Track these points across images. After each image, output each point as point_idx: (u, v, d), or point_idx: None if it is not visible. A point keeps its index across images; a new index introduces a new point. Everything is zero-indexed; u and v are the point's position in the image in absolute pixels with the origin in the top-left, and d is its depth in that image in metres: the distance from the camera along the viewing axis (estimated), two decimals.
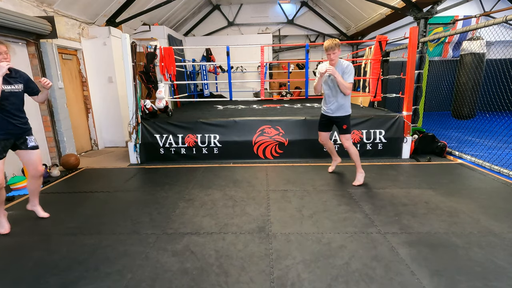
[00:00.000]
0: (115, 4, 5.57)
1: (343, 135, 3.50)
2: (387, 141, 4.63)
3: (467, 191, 3.29)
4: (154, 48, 5.34)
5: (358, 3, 7.86)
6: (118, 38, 5.68)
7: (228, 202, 3.14)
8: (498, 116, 6.12)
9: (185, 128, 4.71)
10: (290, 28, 10.42)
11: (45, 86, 2.64)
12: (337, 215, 2.78)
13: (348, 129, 3.47)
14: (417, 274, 1.94)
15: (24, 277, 2.01)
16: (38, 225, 2.74)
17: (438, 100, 7.81)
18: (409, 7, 5.39)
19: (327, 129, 3.70)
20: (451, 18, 8.70)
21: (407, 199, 3.11)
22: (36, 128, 4.47)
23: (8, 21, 3.60)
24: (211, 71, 9.62)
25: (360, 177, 3.54)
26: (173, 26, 9.37)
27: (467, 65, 5.11)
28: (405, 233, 2.44)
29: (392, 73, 6.19)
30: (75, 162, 4.45)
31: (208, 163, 4.60)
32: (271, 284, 1.87)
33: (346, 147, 3.48)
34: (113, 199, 3.30)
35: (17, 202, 3.29)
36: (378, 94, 5.65)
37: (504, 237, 2.33)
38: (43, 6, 4.48)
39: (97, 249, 2.31)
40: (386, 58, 5.92)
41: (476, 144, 5.40)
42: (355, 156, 3.49)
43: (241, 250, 2.25)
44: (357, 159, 3.50)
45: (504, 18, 3.33)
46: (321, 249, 2.24)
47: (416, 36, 4.61)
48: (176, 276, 1.97)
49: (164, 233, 2.53)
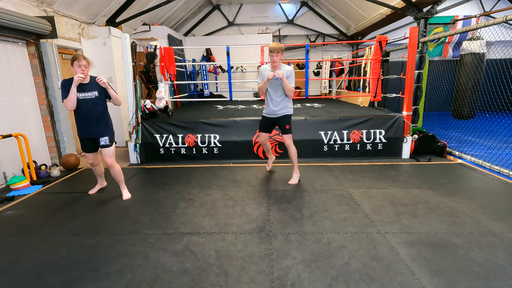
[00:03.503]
0: (115, 4, 5.57)
1: (286, 134, 3.53)
2: (387, 141, 4.63)
3: (467, 191, 3.29)
4: (154, 48, 5.34)
5: (358, 3, 7.86)
6: (118, 38, 5.68)
7: (228, 202, 3.14)
8: (498, 116, 6.12)
9: (185, 128, 4.71)
10: (290, 28, 10.42)
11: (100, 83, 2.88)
12: (337, 215, 2.78)
13: (290, 129, 3.52)
14: (417, 274, 1.94)
15: (24, 277, 2.01)
16: (38, 225, 2.74)
17: (438, 100, 7.82)
18: (409, 7, 5.39)
19: (267, 130, 3.75)
20: (451, 18, 8.70)
21: (407, 199, 3.11)
22: (36, 128, 4.49)
23: (8, 21, 3.61)
24: (211, 71, 9.62)
25: (296, 177, 3.63)
26: (173, 26, 9.37)
27: (467, 65, 5.11)
28: (405, 233, 2.44)
29: (392, 73, 6.19)
30: (75, 162, 4.45)
31: (208, 163, 4.60)
32: (271, 284, 1.87)
33: (287, 145, 3.53)
34: (113, 199, 3.30)
35: (17, 202, 3.29)
36: (378, 94, 5.65)
37: (504, 237, 2.33)
38: (43, 6, 4.48)
39: (97, 249, 2.31)
40: (386, 58, 5.93)
41: (476, 144, 5.40)
42: (294, 155, 3.56)
43: (241, 250, 2.25)
44: (295, 159, 3.58)
45: (504, 18, 3.33)
46: (321, 249, 2.24)
47: (416, 36, 4.61)
48: (176, 276, 1.97)
49: (164, 233, 2.53)
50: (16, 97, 4.14)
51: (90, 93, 2.86)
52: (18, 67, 4.20)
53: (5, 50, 3.99)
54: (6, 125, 3.91)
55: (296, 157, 3.59)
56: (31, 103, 4.43)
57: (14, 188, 3.64)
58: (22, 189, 3.64)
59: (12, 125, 4.00)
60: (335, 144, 4.62)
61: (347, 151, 4.65)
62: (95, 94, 2.89)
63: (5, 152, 3.92)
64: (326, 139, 4.61)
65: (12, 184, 3.65)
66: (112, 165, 3.17)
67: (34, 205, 3.23)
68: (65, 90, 2.80)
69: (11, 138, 3.80)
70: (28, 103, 4.37)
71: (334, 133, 4.60)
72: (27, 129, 4.23)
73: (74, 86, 2.73)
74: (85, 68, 2.79)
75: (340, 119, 4.70)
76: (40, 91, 4.50)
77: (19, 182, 3.66)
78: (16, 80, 4.15)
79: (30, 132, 4.27)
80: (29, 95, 4.39)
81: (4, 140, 3.80)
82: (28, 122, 4.33)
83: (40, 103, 4.55)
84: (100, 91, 2.92)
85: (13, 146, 3.94)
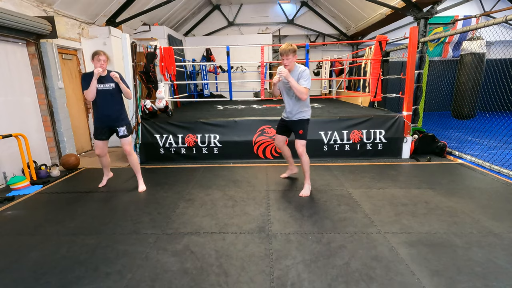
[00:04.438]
0: (115, 4, 5.57)
1: (297, 140, 3.25)
2: (387, 141, 4.63)
3: (467, 191, 3.29)
4: (154, 48, 5.34)
5: (358, 3, 7.86)
6: (118, 38, 5.67)
7: (228, 202, 3.14)
8: (498, 116, 6.11)
9: (185, 128, 4.71)
10: (290, 28, 10.42)
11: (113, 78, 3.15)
12: (337, 215, 2.78)
13: (304, 135, 3.24)
14: (417, 274, 1.94)
15: (24, 277, 2.01)
16: (38, 225, 2.74)
17: (438, 100, 7.81)
18: (409, 7, 5.39)
19: (283, 133, 3.51)
20: (451, 18, 8.70)
21: (407, 199, 3.11)
22: (36, 128, 4.49)
23: (8, 21, 3.61)
24: (211, 71, 9.62)
25: (307, 188, 3.32)
26: (173, 26, 9.37)
27: (467, 65, 5.10)
28: (405, 233, 2.44)
29: (392, 73, 6.19)
30: (75, 162, 4.45)
31: (208, 163, 4.59)
32: (271, 284, 1.87)
33: (299, 153, 3.23)
34: (113, 199, 3.30)
35: (17, 202, 3.29)
36: (378, 94, 5.65)
37: (504, 237, 2.33)
38: (43, 6, 4.48)
39: (97, 249, 2.31)
40: (386, 58, 5.92)
41: (476, 144, 5.40)
42: (305, 165, 3.26)
43: (241, 250, 2.25)
44: (307, 168, 3.29)
45: (504, 18, 3.33)
46: (321, 249, 2.24)
47: (416, 36, 4.61)
48: (176, 276, 1.97)
49: (164, 233, 2.53)
50: (16, 97, 4.14)
51: (108, 85, 3.17)
52: (18, 67, 4.20)
53: (5, 50, 3.99)
54: (6, 125, 3.91)
55: (308, 167, 3.29)
56: (31, 103, 4.43)
57: (14, 188, 3.64)
58: (22, 189, 3.64)
59: (12, 125, 4.00)
60: (335, 144, 4.62)
61: (347, 151, 4.65)
62: (112, 85, 3.20)
63: (5, 152, 3.93)
64: (326, 139, 4.61)
65: (12, 184, 3.65)
66: (131, 153, 3.45)
67: (34, 205, 3.24)
68: (85, 82, 3.12)
69: (11, 138, 3.80)
70: (28, 103, 4.37)
71: (334, 133, 4.60)
72: (27, 129, 4.23)
73: (95, 78, 3.04)
74: (104, 62, 3.08)
75: (340, 119, 4.70)
76: (40, 91, 4.50)
77: (19, 182, 3.66)
78: (16, 80, 4.15)
79: (30, 132, 4.26)
80: (29, 95, 4.39)
81: (4, 140, 3.80)
82: (28, 122, 4.33)
83: (40, 103, 4.55)
84: (116, 83, 3.22)
85: (13, 146, 3.94)
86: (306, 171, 3.31)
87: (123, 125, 3.36)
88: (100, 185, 3.63)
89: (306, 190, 3.31)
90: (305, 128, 3.26)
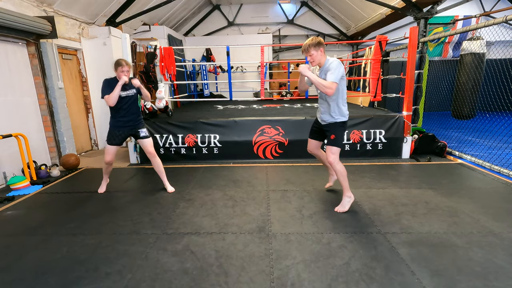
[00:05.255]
0: (115, 4, 5.57)
1: (329, 146, 2.80)
2: (387, 141, 4.63)
3: (467, 191, 3.28)
4: (154, 48, 5.34)
5: (358, 3, 7.86)
6: (118, 38, 5.67)
7: (228, 202, 3.14)
8: (498, 116, 6.11)
9: (185, 128, 4.71)
10: (290, 28, 10.42)
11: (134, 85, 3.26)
12: (337, 215, 2.77)
13: (336, 141, 2.77)
14: (417, 274, 1.94)
15: (24, 277, 2.01)
16: (38, 225, 2.74)
17: (438, 100, 7.81)
18: (409, 7, 5.39)
19: (315, 138, 3.10)
20: (451, 18, 8.71)
21: (407, 199, 3.11)
22: (36, 128, 4.49)
23: (8, 21, 3.61)
24: (211, 71, 9.63)
25: (347, 202, 2.86)
26: (173, 26, 9.37)
27: (467, 65, 5.11)
28: (405, 233, 2.44)
29: (392, 73, 6.19)
30: (75, 162, 4.45)
31: (208, 163, 4.59)
32: (271, 284, 1.87)
33: (330, 162, 2.80)
34: (113, 199, 3.30)
35: (17, 202, 3.29)
36: (378, 94, 5.65)
37: (504, 237, 2.33)
38: (43, 6, 4.48)
39: (97, 249, 2.31)
40: (386, 58, 5.92)
41: (476, 144, 5.40)
42: (340, 175, 2.81)
43: (241, 250, 2.25)
44: (344, 179, 2.82)
45: (504, 18, 3.33)
46: (321, 249, 2.24)
47: (416, 36, 4.61)
48: (176, 276, 1.97)
49: (164, 233, 2.53)
50: (16, 97, 4.14)
51: (130, 91, 3.27)
52: (18, 67, 4.20)
53: (5, 50, 3.99)
54: (6, 125, 3.91)
55: (343, 178, 2.81)
56: (31, 103, 4.43)
57: (14, 188, 3.64)
58: (22, 189, 3.64)
59: (12, 125, 4.00)
60: None
61: (347, 151, 4.64)
62: (134, 91, 3.31)
63: (5, 152, 3.93)
64: None
65: (12, 184, 3.65)
66: (155, 155, 3.47)
67: (34, 205, 3.23)
68: (108, 88, 3.15)
69: (11, 138, 3.80)
70: (28, 103, 4.37)
71: None
72: (27, 129, 4.23)
73: (119, 86, 3.11)
74: (127, 72, 3.18)
75: None
76: (40, 91, 4.50)
77: (19, 182, 3.66)
78: (16, 80, 4.15)
79: (30, 132, 4.27)
80: (29, 95, 4.39)
81: (4, 140, 3.80)
82: (28, 122, 4.33)
83: (40, 103, 4.55)
84: (137, 89, 3.35)
85: (13, 146, 3.94)
86: (341, 182, 2.85)
87: (143, 127, 3.44)
88: (100, 191, 3.55)
89: (344, 205, 2.86)
90: (338, 133, 2.78)
